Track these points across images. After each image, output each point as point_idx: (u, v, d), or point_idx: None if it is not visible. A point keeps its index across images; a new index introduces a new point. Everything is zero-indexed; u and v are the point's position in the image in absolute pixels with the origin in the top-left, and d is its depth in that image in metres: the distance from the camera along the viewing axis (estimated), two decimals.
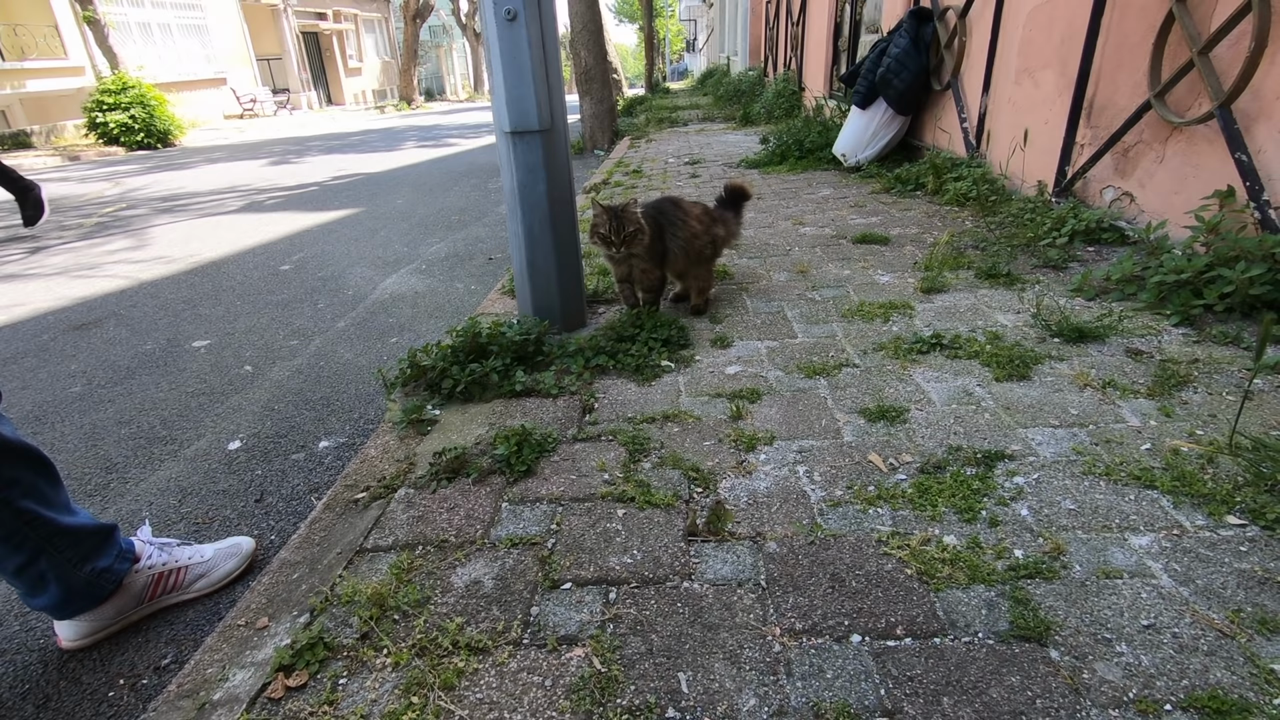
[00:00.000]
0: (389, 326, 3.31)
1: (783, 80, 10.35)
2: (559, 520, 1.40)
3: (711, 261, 2.61)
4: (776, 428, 1.74)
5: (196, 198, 7.54)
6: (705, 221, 2.51)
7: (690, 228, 2.42)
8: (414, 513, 1.46)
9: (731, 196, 2.82)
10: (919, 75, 4.84)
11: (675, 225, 2.42)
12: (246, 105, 19.83)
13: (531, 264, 2.31)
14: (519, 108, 2.10)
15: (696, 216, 2.47)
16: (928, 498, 1.40)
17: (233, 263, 4.69)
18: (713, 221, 2.56)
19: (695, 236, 2.42)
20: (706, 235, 2.48)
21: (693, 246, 2.41)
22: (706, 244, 2.49)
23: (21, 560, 1.30)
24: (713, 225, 2.54)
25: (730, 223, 2.71)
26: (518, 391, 1.95)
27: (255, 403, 2.59)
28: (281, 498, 1.97)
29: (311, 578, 1.30)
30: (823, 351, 2.17)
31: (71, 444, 2.36)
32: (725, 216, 2.68)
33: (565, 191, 2.27)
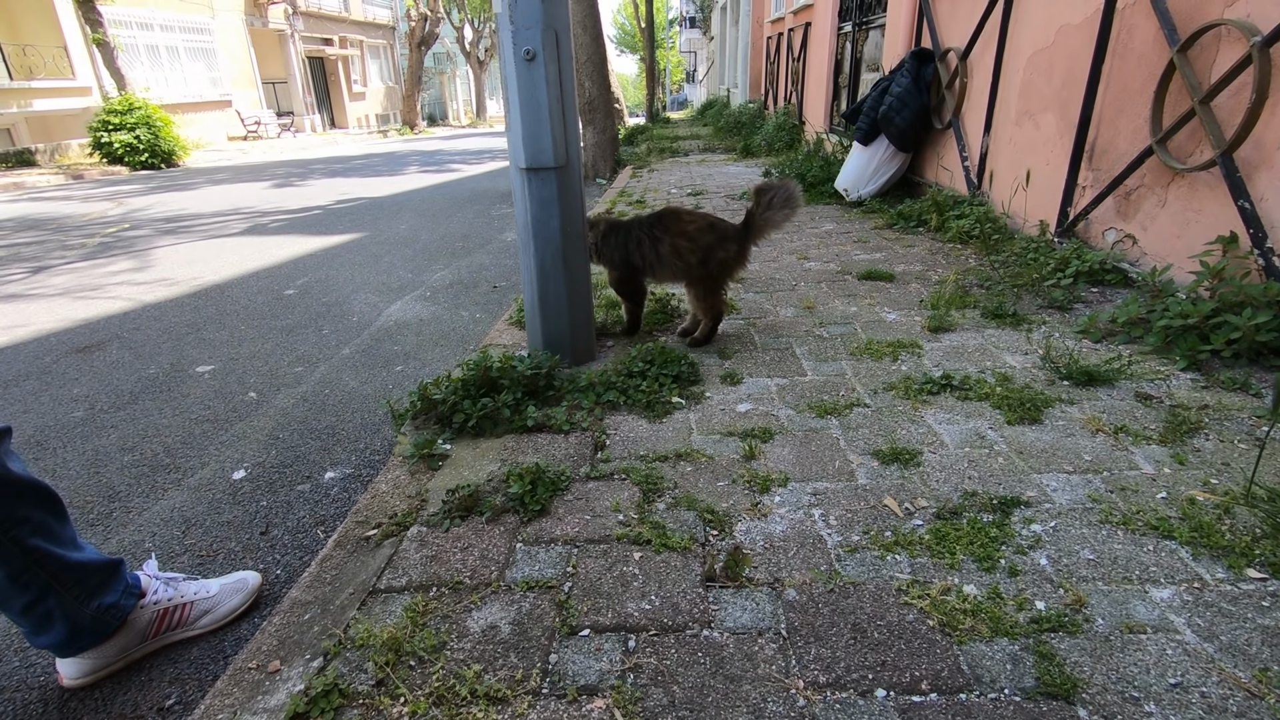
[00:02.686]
0: (394, 354, 3.31)
1: (783, 114, 10.51)
2: (574, 563, 1.38)
3: (710, 281, 2.53)
4: (790, 468, 1.73)
5: (200, 219, 7.56)
6: (703, 233, 2.48)
7: (674, 243, 2.46)
8: (427, 552, 1.44)
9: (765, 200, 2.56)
10: (920, 114, 4.92)
11: (658, 236, 2.49)
12: (250, 127, 20.01)
13: (543, 297, 2.32)
14: (535, 145, 2.12)
15: (692, 229, 2.46)
16: (945, 545, 1.40)
17: (236, 286, 4.70)
18: (716, 236, 2.50)
19: (679, 252, 2.44)
20: (696, 246, 2.46)
21: (679, 257, 2.44)
22: (696, 260, 2.46)
23: (29, 599, 1.28)
24: (714, 239, 2.48)
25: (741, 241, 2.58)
26: (529, 427, 1.94)
27: (260, 430, 2.57)
28: (287, 530, 1.95)
29: (324, 619, 1.28)
30: (833, 390, 2.18)
31: (74, 471, 2.34)
32: (737, 234, 2.58)
33: (577, 226, 2.29)
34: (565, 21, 2.07)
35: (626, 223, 2.64)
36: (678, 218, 2.56)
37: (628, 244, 2.58)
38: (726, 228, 2.59)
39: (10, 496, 1.22)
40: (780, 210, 2.51)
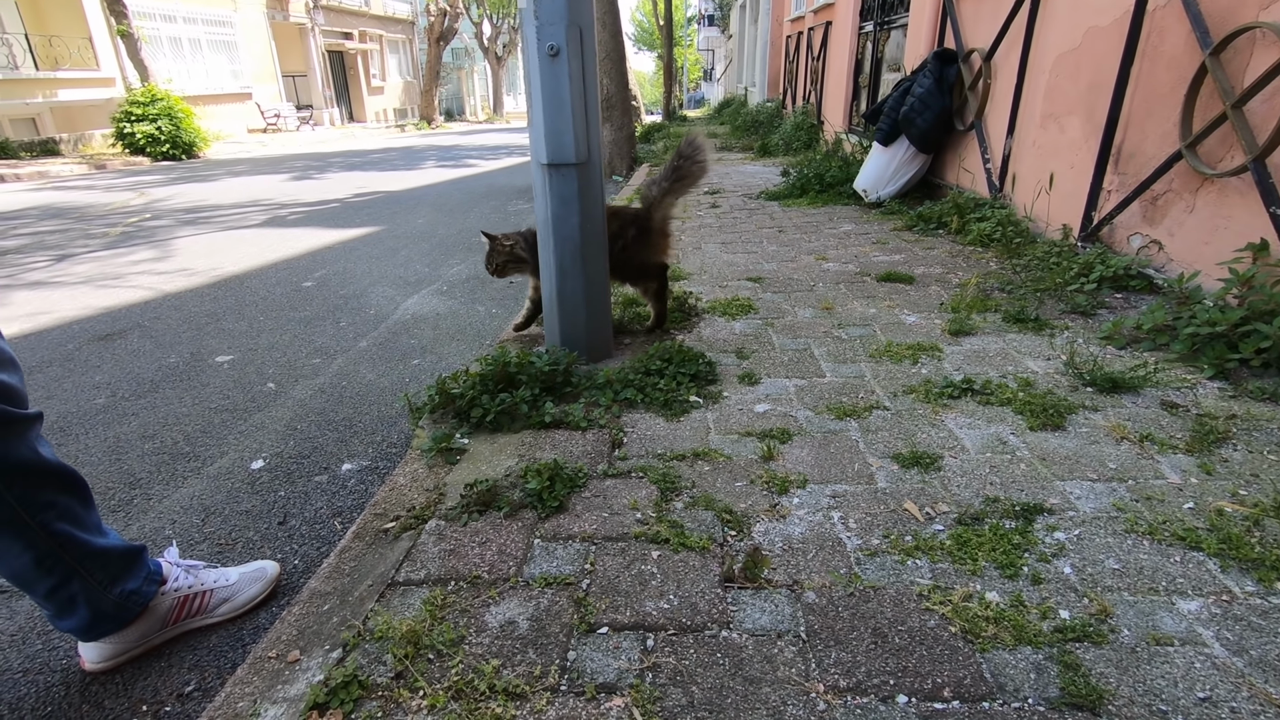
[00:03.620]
0: (411, 348, 3.32)
1: (801, 113, 10.46)
2: (592, 560, 1.38)
3: (630, 267, 2.63)
4: (809, 470, 1.72)
5: (219, 210, 7.63)
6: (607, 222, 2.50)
7: None
8: (445, 546, 1.45)
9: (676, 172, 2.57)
10: (942, 115, 4.88)
11: None
12: (270, 120, 20.17)
13: (561, 294, 2.32)
14: (557, 141, 2.12)
15: None
16: (967, 551, 1.38)
17: (255, 277, 4.73)
18: (619, 223, 2.57)
19: None
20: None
21: None
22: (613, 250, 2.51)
23: (53, 583, 1.29)
24: (617, 227, 2.54)
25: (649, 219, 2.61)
26: (546, 423, 1.94)
27: (278, 421, 2.59)
28: (304, 521, 1.96)
29: (343, 610, 1.28)
30: (852, 392, 2.16)
31: (95, 457, 2.36)
32: (636, 217, 2.62)
33: (597, 224, 2.28)
34: (589, 18, 2.07)
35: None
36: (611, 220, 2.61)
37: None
38: (626, 213, 2.67)
39: (39, 481, 1.24)
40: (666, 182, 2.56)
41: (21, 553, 1.25)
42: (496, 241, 2.67)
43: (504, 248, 2.65)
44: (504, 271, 2.70)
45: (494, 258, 2.68)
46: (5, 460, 1.18)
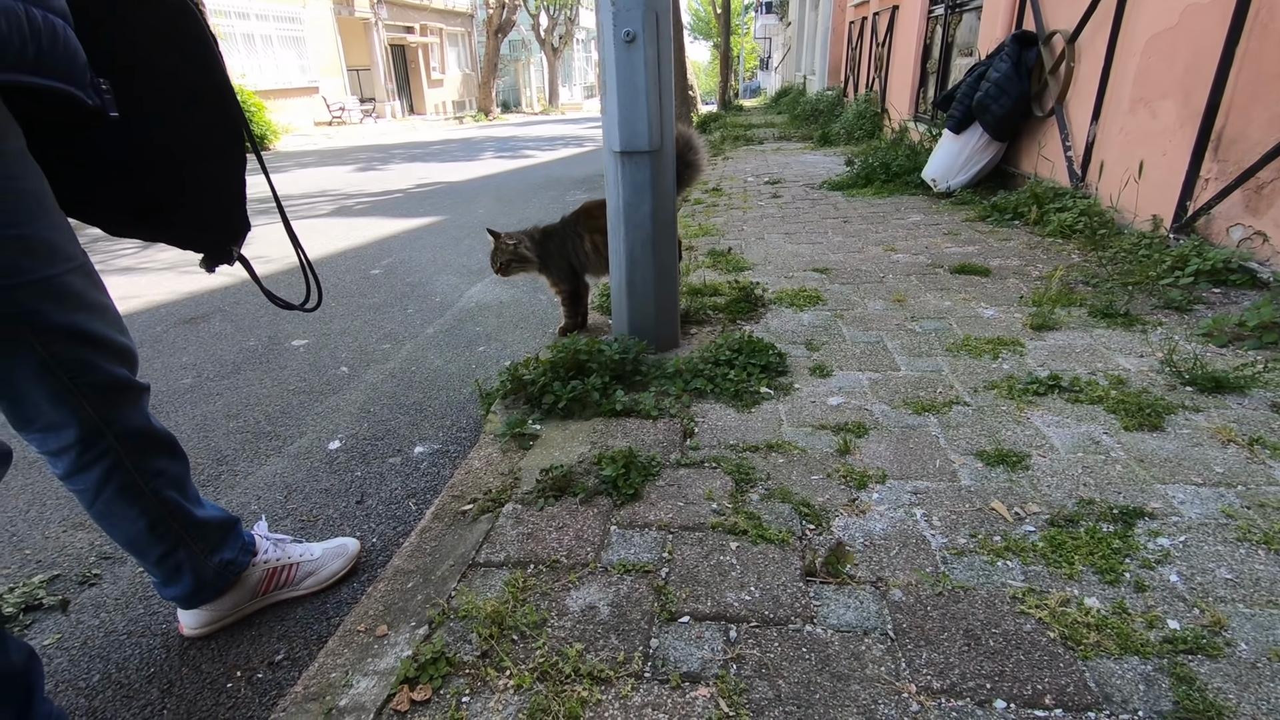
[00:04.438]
0: (476, 335, 3.38)
1: (864, 101, 10.19)
2: (670, 549, 1.38)
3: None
4: (887, 465, 1.67)
5: (289, 201, 7.91)
6: None
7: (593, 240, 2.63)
8: (523, 529, 1.46)
9: None
10: (1019, 101, 4.67)
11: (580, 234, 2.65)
12: (335, 113, 20.81)
13: (630, 283, 2.31)
14: (630, 128, 2.11)
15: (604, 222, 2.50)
16: (1062, 554, 1.32)
17: (326, 265, 4.89)
18: None
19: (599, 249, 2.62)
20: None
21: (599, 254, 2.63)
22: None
23: (163, 550, 1.35)
24: None
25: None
26: (617, 411, 1.95)
27: (352, 404, 2.67)
28: (381, 500, 2.02)
29: (426, 588, 1.31)
30: (929, 387, 2.09)
31: (185, 434, 2.48)
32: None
33: (668, 213, 2.27)
34: (666, 3, 2.04)
35: (556, 227, 2.75)
36: (590, 214, 2.65)
37: (565, 247, 2.70)
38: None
39: (152, 448, 1.29)
40: None
41: (137, 518, 1.31)
42: (500, 240, 2.67)
43: (507, 247, 2.66)
44: (508, 271, 2.68)
45: (498, 256, 2.67)
46: (125, 426, 1.22)
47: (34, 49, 0.89)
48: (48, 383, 1.11)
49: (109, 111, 0.97)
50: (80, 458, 1.20)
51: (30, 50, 0.88)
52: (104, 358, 1.16)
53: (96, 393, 1.16)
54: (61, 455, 1.20)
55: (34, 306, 1.04)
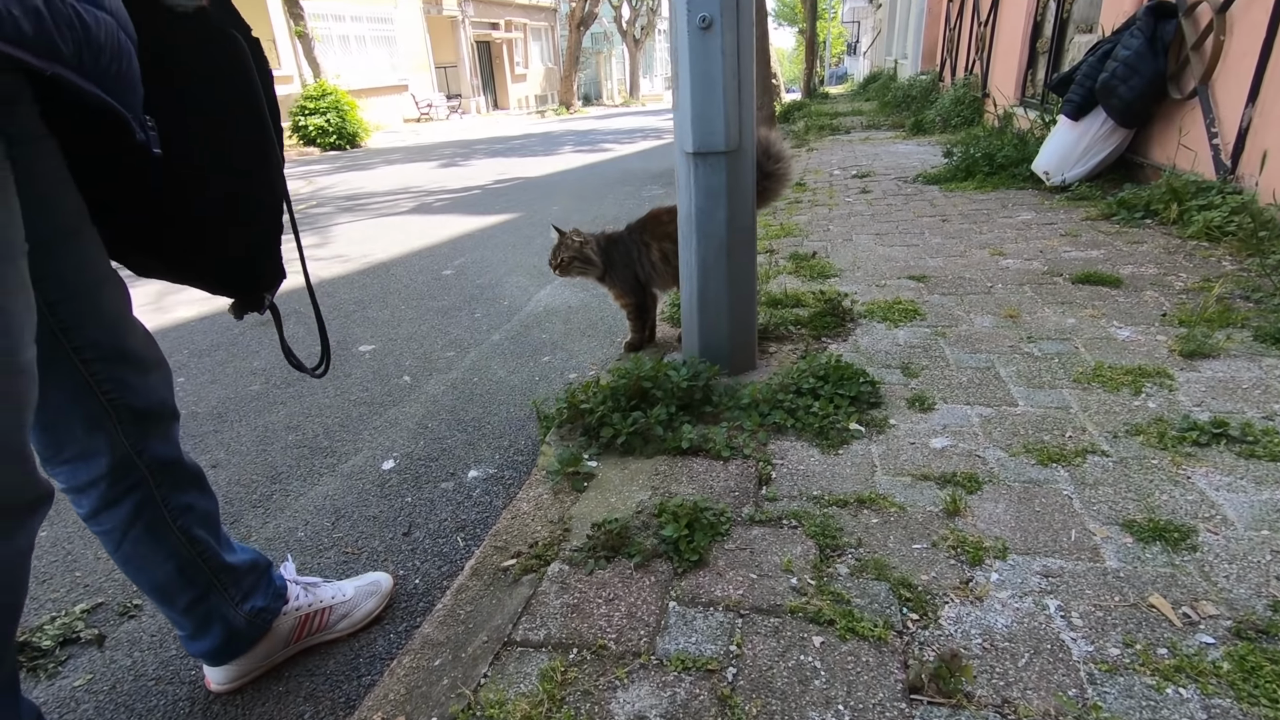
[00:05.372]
0: (541, 343, 3.23)
1: (962, 86, 9.48)
2: (739, 639, 1.14)
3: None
4: (1008, 534, 1.38)
5: (374, 198, 8.07)
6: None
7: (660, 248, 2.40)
8: (568, 599, 1.27)
9: None
10: (1153, 81, 4.11)
11: (646, 243, 2.45)
12: (423, 110, 21.39)
13: (702, 298, 2.08)
14: (705, 127, 1.87)
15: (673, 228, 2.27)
16: (1257, 682, 1.01)
17: (400, 265, 4.88)
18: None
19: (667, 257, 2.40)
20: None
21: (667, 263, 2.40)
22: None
23: (193, 596, 1.24)
24: None
25: None
26: (683, 449, 1.72)
27: (411, 418, 2.56)
28: (428, 533, 1.88)
29: (454, 670, 1.14)
30: (1055, 428, 1.76)
31: (245, 446, 2.43)
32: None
33: (747, 219, 2.02)
34: None
35: (621, 234, 2.53)
36: (658, 220, 2.42)
37: (630, 256, 2.48)
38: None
39: (182, 481, 1.18)
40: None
41: (166, 560, 1.20)
42: (565, 237, 2.50)
43: (572, 244, 2.48)
44: (568, 270, 2.51)
45: (559, 253, 2.50)
46: (156, 456, 1.13)
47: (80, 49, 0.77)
48: (84, 405, 1.03)
49: (153, 149, 0.87)
50: (110, 490, 1.11)
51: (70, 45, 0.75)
52: (141, 377, 1.09)
53: (133, 418, 1.08)
54: (90, 490, 1.10)
55: (74, 322, 0.98)
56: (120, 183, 1.04)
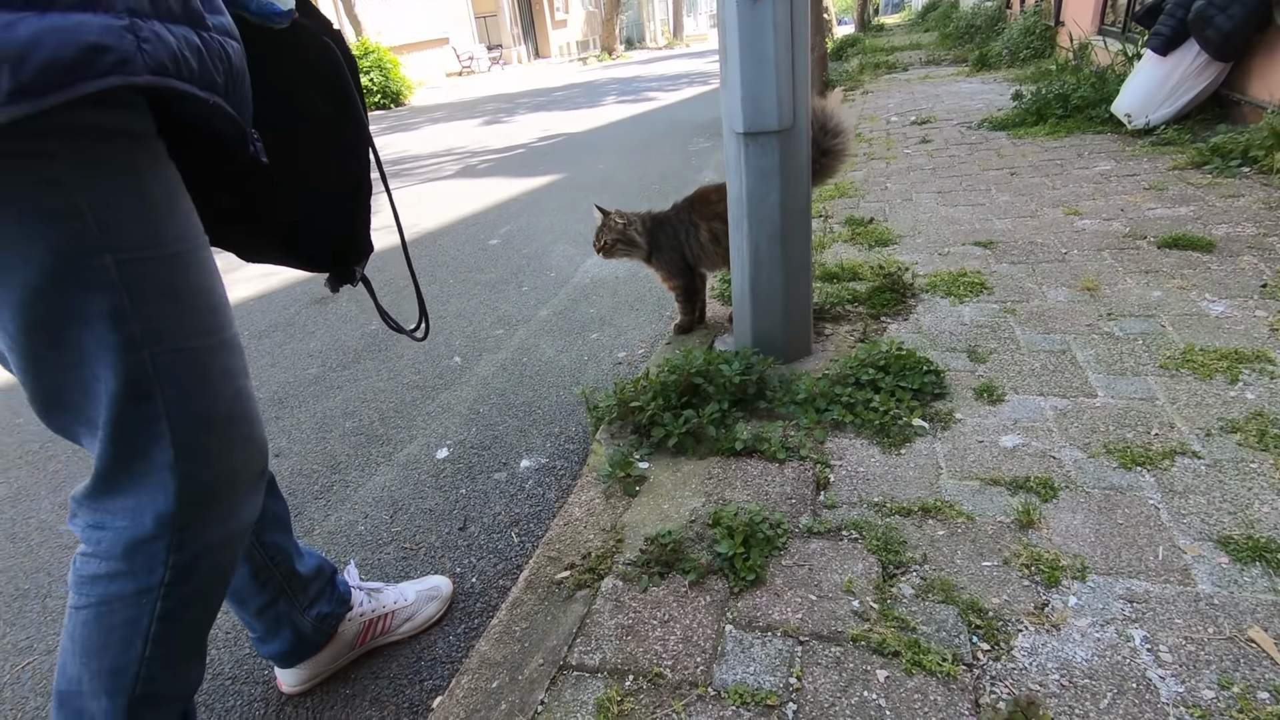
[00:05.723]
0: (589, 319, 3.19)
1: (1032, 14, 8.79)
2: (799, 670, 1.11)
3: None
4: (1087, 550, 1.30)
5: (419, 162, 8.07)
6: None
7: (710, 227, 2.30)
8: (622, 619, 1.25)
9: None
10: (1256, 9, 3.69)
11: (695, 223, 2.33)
12: (465, 63, 21.15)
13: (755, 286, 1.99)
14: (755, 105, 1.75)
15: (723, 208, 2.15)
16: None
17: (447, 235, 4.88)
18: None
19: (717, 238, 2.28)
20: None
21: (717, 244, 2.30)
22: None
23: (265, 600, 1.27)
24: None
25: None
26: (737, 450, 1.67)
27: (462, 402, 2.58)
28: (483, 528, 1.90)
29: (512, 694, 1.14)
30: (1139, 423, 1.64)
31: (305, 433, 2.49)
32: None
33: (801, 201, 1.90)
34: None
35: (668, 214, 2.42)
36: (706, 199, 2.31)
37: (678, 237, 2.37)
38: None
39: None
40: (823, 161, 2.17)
41: (241, 565, 1.22)
42: (608, 219, 2.41)
43: (615, 225, 2.39)
44: (611, 252, 2.43)
45: (603, 234, 2.42)
46: None
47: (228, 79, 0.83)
48: None
49: (261, 159, 0.89)
50: None
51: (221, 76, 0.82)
52: None
53: None
54: None
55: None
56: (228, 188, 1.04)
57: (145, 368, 0.80)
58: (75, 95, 0.65)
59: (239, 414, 0.91)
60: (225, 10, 0.84)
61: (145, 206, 0.79)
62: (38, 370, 0.80)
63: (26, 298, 0.74)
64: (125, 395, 0.80)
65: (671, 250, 2.36)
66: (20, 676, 1.59)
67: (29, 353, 0.78)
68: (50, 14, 0.64)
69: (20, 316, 0.75)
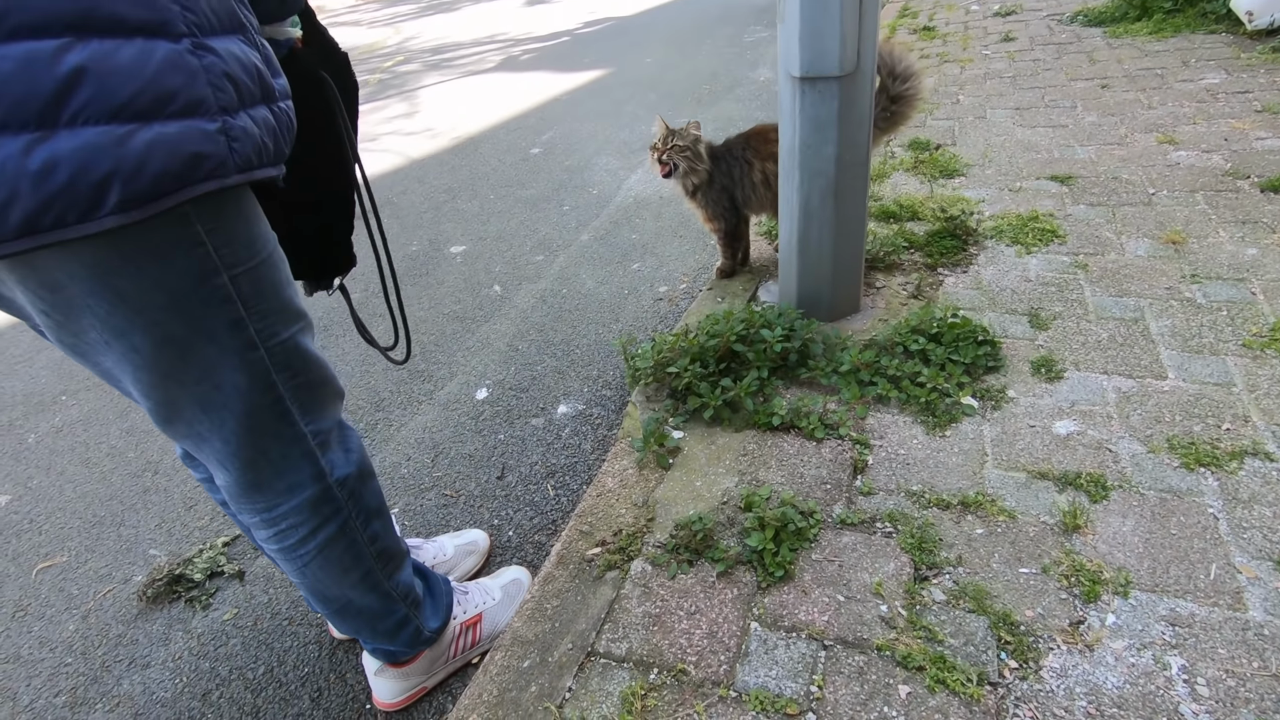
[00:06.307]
0: (631, 246, 3.10)
1: None
2: (821, 678, 1.13)
3: None
4: (1133, 562, 1.25)
5: (460, 51, 7.71)
6: None
7: (764, 168, 2.12)
8: (650, 607, 1.28)
9: None
10: None
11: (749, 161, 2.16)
12: None
13: (803, 241, 1.87)
14: (816, 46, 1.57)
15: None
16: None
17: (488, 140, 4.73)
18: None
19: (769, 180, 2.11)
20: None
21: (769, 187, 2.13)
22: None
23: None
24: None
25: None
26: (774, 426, 1.63)
27: (501, 337, 2.58)
28: (520, 478, 1.94)
29: (542, 676, 1.20)
30: (1210, 415, 1.53)
31: (351, 364, 2.55)
32: None
33: (860, 154, 1.74)
34: None
35: (719, 149, 2.20)
36: (764, 137, 2.11)
37: (731, 174, 2.18)
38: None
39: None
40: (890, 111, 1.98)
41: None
42: (684, 129, 2.14)
43: (688, 135, 2.13)
44: (673, 159, 2.13)
45: (672, 140, 2.12)
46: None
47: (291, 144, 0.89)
48: None
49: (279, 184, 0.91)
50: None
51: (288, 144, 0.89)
52: None
53: None
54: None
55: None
56: None
57: (264, 363, 0.91)
58: (178, 201, 0.73)
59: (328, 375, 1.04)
60: (281, 70, 0.88)
61: (242, 222, 0.86)
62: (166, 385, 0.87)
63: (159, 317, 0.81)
64: (254, 389, 0.91)
65: (720, 190, 2.21)
66: (102, 603, 1.75)
67: (158, 368, 0.85)
68: (154, 123, 0.69)
69: (152, 334, 0.81)
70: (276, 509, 1.02)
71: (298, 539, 1.05)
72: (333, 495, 1.05)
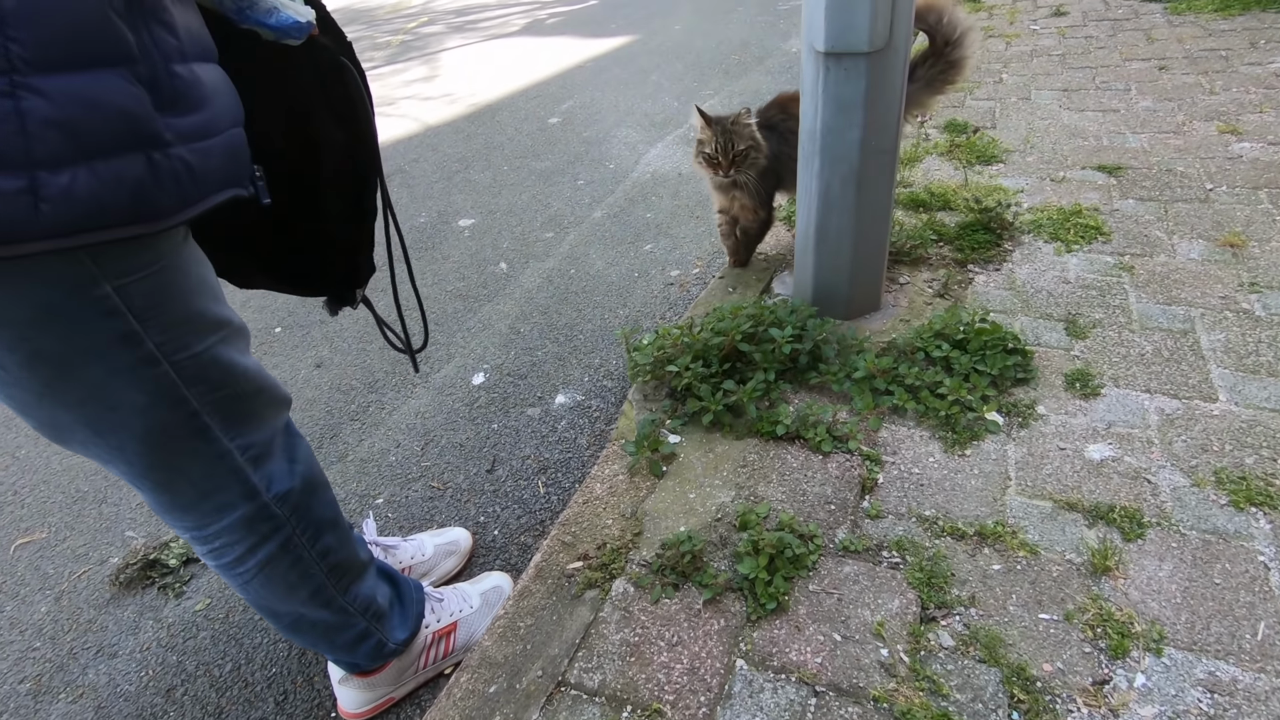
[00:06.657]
0: (645, 225, 2.97)
1: None
2: None
3: None
4: (1169, 615, 1.12)
5: (485, 13, 7.52)
6: None
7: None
8: (628, 635, 1.18)
9: None
10: None
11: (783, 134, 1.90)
12: None
13: (821, 230, 1.73)
14: (842, 18, 1.41)
15: None
16: None
17: (507, 108, 4.58)
18: None
19: None
20: None
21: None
22: None
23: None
24: None
25: None
26: (778, 435, 1.51)
27: (504, 318, 2.48)
28: (510, 472, 1.85)
29: (507, 705, 1.11)
30: (1265, 445, 1.38)
31: (347, 342, 2.47)
32: None
33: (888, 139, 1.58)
34: None
35: (762, 122, 1.92)
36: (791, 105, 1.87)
37: (783, 151, 1.91)
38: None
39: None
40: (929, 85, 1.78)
41: None
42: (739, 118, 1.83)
43: (744, 128, 1.83)
44: (741, 166, 1.85)
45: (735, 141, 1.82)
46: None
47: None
48: None
49: (261, 199, 0.83)
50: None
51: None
52: None
53: None
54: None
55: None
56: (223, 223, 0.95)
57: (169, 378, 0.80)
58: None
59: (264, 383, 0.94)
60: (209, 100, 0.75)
61: None
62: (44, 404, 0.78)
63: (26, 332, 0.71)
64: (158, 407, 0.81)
65: (769, 171, 1.92)
66: (76, 585, 1.70)
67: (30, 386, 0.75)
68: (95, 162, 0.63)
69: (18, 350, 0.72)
70: (207, 528, 0.93)
71: (234, 557, 0.96)
72: (270, 513, 0.96)
